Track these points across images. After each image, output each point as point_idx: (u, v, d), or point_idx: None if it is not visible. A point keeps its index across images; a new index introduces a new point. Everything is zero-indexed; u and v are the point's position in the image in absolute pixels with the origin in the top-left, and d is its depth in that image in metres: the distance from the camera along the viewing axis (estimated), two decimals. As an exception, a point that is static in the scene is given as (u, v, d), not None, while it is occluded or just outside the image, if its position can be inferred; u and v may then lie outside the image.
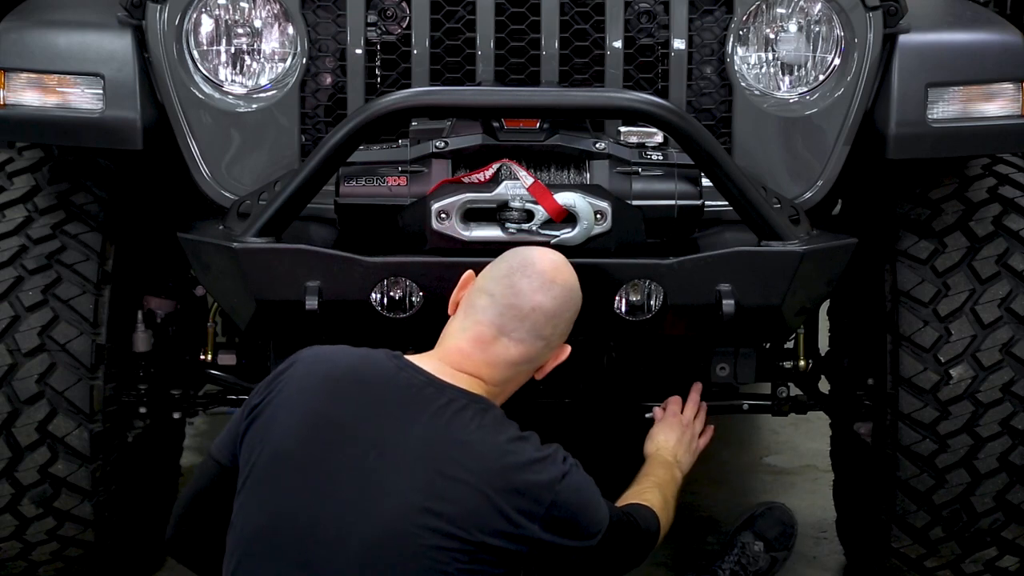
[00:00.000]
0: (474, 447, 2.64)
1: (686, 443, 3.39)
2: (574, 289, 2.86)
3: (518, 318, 2.79)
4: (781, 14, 3.36)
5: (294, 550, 2.60)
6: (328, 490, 2.61)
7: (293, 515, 2.62)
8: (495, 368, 2.79)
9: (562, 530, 2.68)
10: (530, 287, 2.80)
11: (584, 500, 2.74)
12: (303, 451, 2.65)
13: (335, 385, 2.72)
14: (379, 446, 2.63)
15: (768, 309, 3.17)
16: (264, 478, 2.66)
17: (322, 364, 2.76)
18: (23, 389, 3.40)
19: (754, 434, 5.20)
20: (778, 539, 3.84)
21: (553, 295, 2.81)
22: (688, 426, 3.42)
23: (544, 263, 2.84)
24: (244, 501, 2.68)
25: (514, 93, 3.22)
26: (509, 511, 2.61)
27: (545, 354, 2.85)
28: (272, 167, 3.34)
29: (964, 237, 3.51)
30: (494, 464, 2.63)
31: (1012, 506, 3.49)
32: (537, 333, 2.80)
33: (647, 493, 3.11)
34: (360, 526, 2.58)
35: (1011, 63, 3.45)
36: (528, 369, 2.86)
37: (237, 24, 3.35)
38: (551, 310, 2.80)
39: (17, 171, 3.58)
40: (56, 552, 3.55)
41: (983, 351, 3.43)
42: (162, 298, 3.73)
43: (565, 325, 2.86)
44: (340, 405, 2.69)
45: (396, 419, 2.66)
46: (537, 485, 2.65)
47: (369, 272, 3.08)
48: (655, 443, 3.37)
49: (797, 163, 3.39)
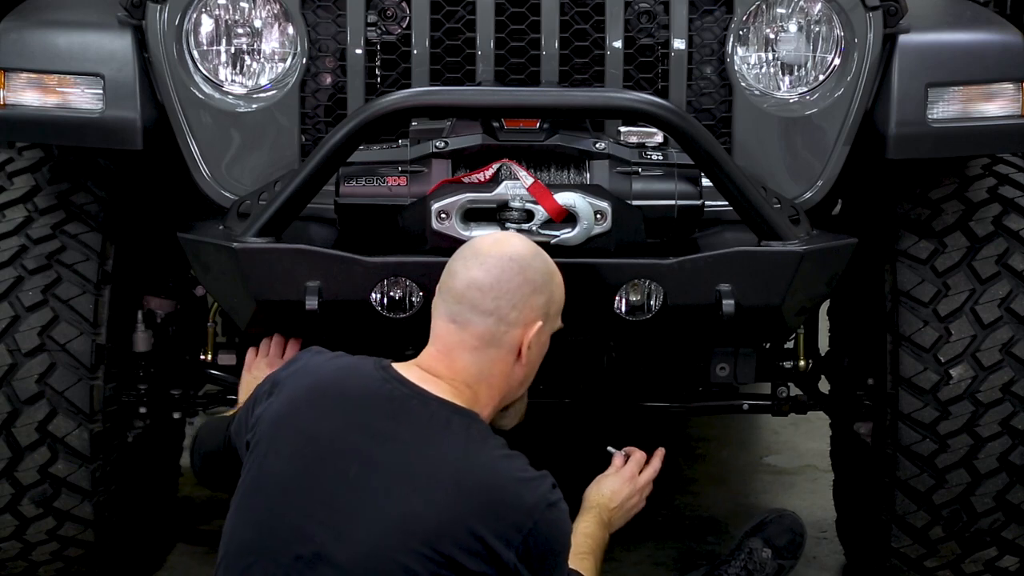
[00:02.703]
0: (455, 463, 2.60)
1: (627, 508, 3.17)
2: (518, 259, 2.73)
3: (457, 300, 2.71)
4: (781, 14, 3.36)
5: (275, 566, 2.59)
6: (309, 506, 2.59)
7: (274, 530, 2.60)
8: (456, 361, 2.72)
9: (535, 565, 2.60)
10: (463, 266, 2.74)
11: (562, 541, 2.66)
12: (286, 466, 2.63)
13: (320, 399, 2.69)
14: (360, 462, 2.60)
15: (768, 309, 3.17)
16: (251, 491, 2.66)
17: (309, 377, 2.74)
18: (23, 389, 3.40)
19: (754, 434, 5.20)
20: (787, 547, 3.83)
21: (486, 267, 2.71)
22: (638, 491, 3.19)
23: (483, 241, 2.79)
24: (233, 511, 2.69)
25: (514, 93, 3.22)
26: (485, 532, 2.55)
27: (504, 332, 2.71)
28: (272, 167, 3.34)
29: (964, 237, 3.51)
30: (474, 480, 2.58)
31: (1012, 506, 3.49)
32: (479, 310, 2.69)
33: (585, 560, 2.97)
34: (339, 543, 2.56)
35: (1011, 63, 3.45)
36: (495, 355, 2.72)
37: (237, 24, 3.35)
38: (486, 282, 2.69)
39: (17, 171, 3.58)
40: (56, 552, 3.55)
41: (983, 351, 3.43)
42: (162, 298, 3.73)
43: (518, 297, 2.71)
44: (323, 420, 2.66)
45: (378, 434, 2.62)
46: (517, 507, 2.58)
47: (369, 272, 3.08)
48: (600, 495, 3.14)
49: (797, 163, 3.39)
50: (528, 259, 2.75)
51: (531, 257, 2.76)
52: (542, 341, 2.80)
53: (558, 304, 2.82)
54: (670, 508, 4.48)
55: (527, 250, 2.77)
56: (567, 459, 3.25)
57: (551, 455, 2.85)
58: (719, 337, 3.43)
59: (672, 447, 4.99)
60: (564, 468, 2.76)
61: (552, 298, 2.79)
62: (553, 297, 2.79)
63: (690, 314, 3.15)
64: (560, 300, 2.83)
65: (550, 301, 2.78)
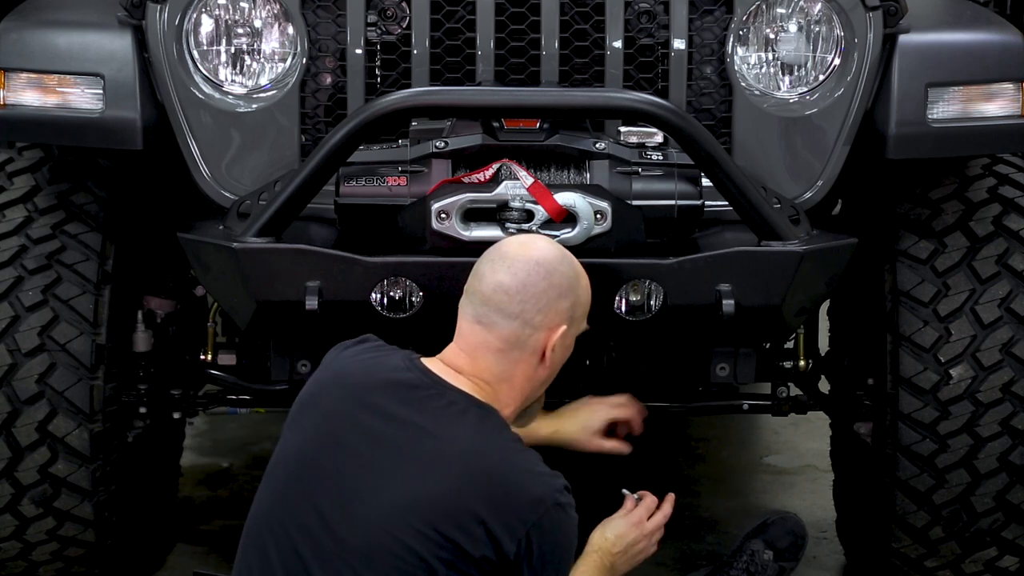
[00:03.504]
0: (466, 447, 2.63)
1: (632, 554, 3.05)
2: (544, 264, 2.75)
3: (483, 302, 2.74)
4: (781, 14, 3.36)
5: (286, 538, 2.64)
6: (320, 482, 2.65)
7: (288, 505, 2.67)
8: (479, 360, 2.75)
9: (536, 566, 2.59)
10: (491, 269, 2.76)
11: (566, 547, 2.64)
12: (307, 448, 2.70)
13: (343, 383, 2.76)
14: (372, 442, 2.65)
15: (768, 309, 3.17)
16: (272, 468, 2.74)
17: (339, 362, 2.81)
18: (23, 389, 3.40)
19: (754, 434, 5.20)
20: (788, 549, 3.82)
21: (513, 271, 2.73)
22: (645, 538, 3.07)
23: (510, 244, 2.81)
24: (258, 491, 2.76)
25: (514, 93, 3.22)
26: (489, 518, 2.56)
27: (529, 335, 2.73)
28: (272, 167, 3.34)
29: (964, 237, 3.51)
30: (484, 466, 2.61)
31: (1012, 506, 3.49)
32: (505, 313, 2.72)
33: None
34: (344, 519, 2.61)
35: (1011, 63, 3.45)
36: (519, 357, 2.75)
37: (237, 24, 3.35)
38: (512, 286, 2.72)
39: (17, 171, 3.58)
40: (56, 552, 3.55)
41: (983, 351, 3.43)
42: (162, 298, 3.73)
43: (543, 302, 2.73)
44: (343, 401, 2.72)
45: (393, 417, 2.67)
46: (524, 499, 2.59)
47: (369, 272, 3.08)
48: (604, 540, 3.02)
49: (797, 163, 3.39)
50: (555, 263, 2.77)
51: (558, 261, 2.78)
52: (566, 344, 2.83)
53: (584, 307, 2.85)
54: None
55: (554, 254, 2.79)
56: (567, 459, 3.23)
57: (551, 455, 2.85)
58: (719, 337, 3.42)
59: (672, 447, 5.02)
60: (565, 469, 2.76)
61: (578, 301, 2.81)
62: (579, 300, 2.82)
63: (690, 314, 3.15)
64: (586, 303, 2.85)
65: (576, 304, 2.80)
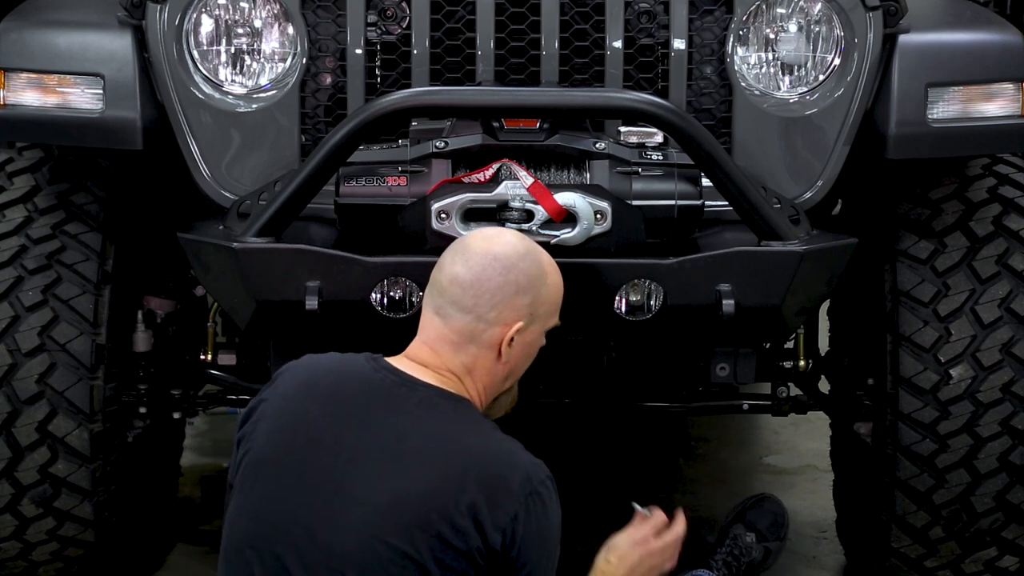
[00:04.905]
0: (444, 440, 2.60)
1: (641, 573, 2.92)
2: (503, 259, 2.69)
3: (440, 293, 2.71)
4: (781, 14, 3.36)
5: (271, 556, 2.59)
6: (300, 495, 2.60)
7: (270, 521, 2.61)
8: (440, 353, 2.71)
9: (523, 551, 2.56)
10: (450, 260, 2.72)
11: (551, 530, 2.61)
12: (279, 457, 2.64)
13: (311, 391, 2.70)
14: (350, 448, 2.61)
15: (768, 309, 3.17)
16: (245, 484, 2.67)
17: (302, 371, 2.75)
18: (23, 389, 3.40)
19: (754, 434, 5.20)
20: (770, 529, 3.84)
21: (469, 264, 2.69)
22: (653, 555, 2.93)
23: (475, 237, 2.78)
24: (230, 506, 2.70)
25: (514, 93, 3.22)
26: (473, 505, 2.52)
27: (483, 330, 2.68)
28: (272, 167, 3.34)
29: (964, 237, 3.51)
30: (463, 455, 2.58)
31: (1012, 506, 3.49)
32: (459, 306, 2.68)
33: None
34: (332, 529, 2.57)
35: (1011, 63, 3.45)
36: (476, 352, 2.70)
37: (237, 24, 3.35)
38: (467, 279, 2.67)
39: (17, 171, 3.58)
40: (56, 552, 3.55)
41: (983, 351, 3.43)
42: (162, 298, 3.73)
43: (498, 297, 2.67)
44: (314, 411, 2.67)
45: (367, 420, 2.63)
46: (509, 483, 2.56)
47: (369, 272, 3.08)
48: (606, 562, 2.90)
49: (797, 163, 3.39)
50: (514, 259, 2.70)
51: (518, 257, 2.71)
52: (527, 340, 2.75)
53: (549, 304, 2.77)
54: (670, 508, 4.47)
55: (516, 250, 2.72)
56: (567, 459, 3.24)
57: (551, 456, 2.84)
58: (719, 337, 3.42)
59: (672, 447, 5.01)
60: (564, 469, 2.75)
61: (539, 299, 2.73)
62: (540, 298, 2.74)
63: (690, 314, 3.15)
64: (551, 300, 2.78)
65: (536, 302, 2.73)
